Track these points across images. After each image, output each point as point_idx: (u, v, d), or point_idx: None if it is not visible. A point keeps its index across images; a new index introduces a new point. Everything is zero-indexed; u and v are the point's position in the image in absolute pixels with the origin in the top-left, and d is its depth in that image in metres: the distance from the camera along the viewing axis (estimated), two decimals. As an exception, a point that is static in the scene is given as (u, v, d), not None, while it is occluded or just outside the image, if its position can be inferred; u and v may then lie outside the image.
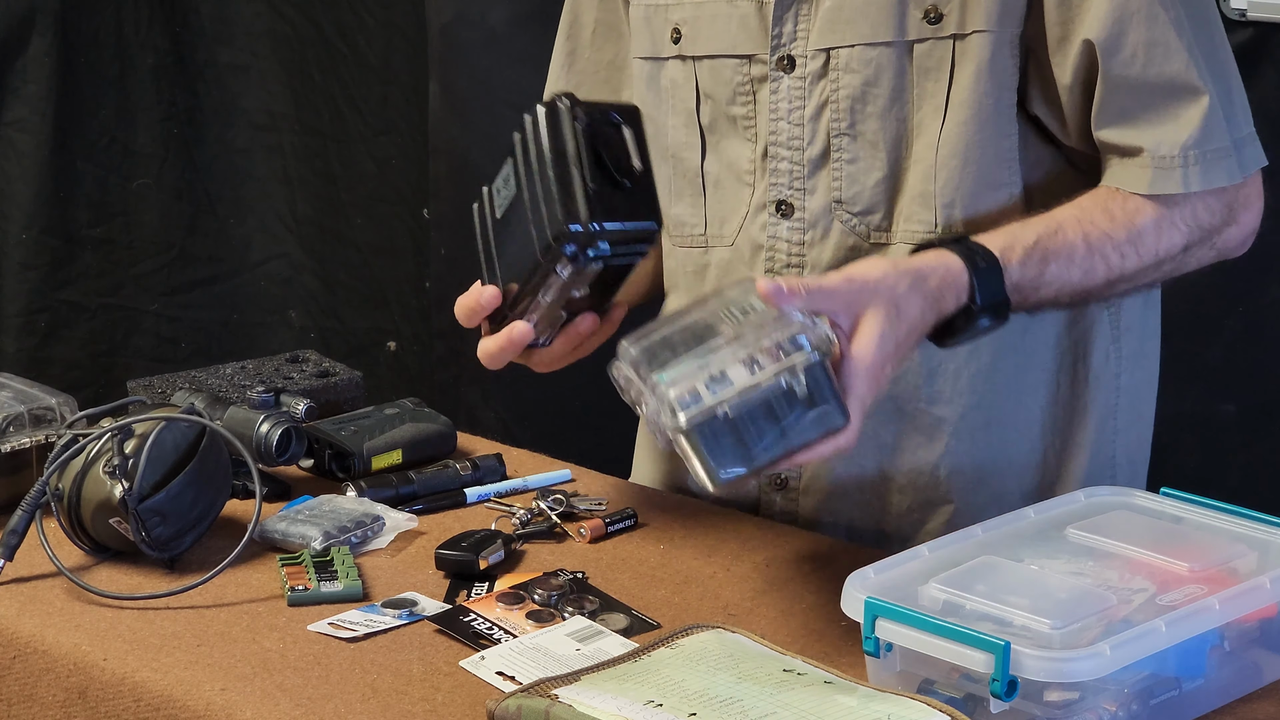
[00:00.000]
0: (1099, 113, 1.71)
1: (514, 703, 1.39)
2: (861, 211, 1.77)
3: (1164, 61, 1.69)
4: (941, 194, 1.74)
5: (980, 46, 1.71)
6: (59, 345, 3.50)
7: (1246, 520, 1.57)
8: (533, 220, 1.62)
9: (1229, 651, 1.47)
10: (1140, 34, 1.69)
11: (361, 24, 3.40)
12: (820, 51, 1.76)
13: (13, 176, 3.42)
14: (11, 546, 1.70)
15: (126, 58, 3.45)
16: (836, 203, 1.78)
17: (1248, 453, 2.73)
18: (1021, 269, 1.65)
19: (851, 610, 1.43)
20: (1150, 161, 1.70)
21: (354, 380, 2.12)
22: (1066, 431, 1.83)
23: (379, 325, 3.50)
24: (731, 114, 1.83)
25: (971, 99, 1.72)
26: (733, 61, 1.81)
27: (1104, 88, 1.70)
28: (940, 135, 1.74)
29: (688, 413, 1.45)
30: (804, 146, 1.78)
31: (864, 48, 1.74)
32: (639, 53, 1.90)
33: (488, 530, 1.78)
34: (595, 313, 1.70)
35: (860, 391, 1.50)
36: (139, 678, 1.53)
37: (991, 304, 1.63)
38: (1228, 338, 2.71)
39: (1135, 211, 1.71)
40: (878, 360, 1.52)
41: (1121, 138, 1.71)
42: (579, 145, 1.61)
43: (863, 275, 1.56)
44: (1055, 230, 1.69)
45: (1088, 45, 1.69)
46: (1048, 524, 1.57)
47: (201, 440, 1.73)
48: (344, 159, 3.48)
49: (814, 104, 1.77)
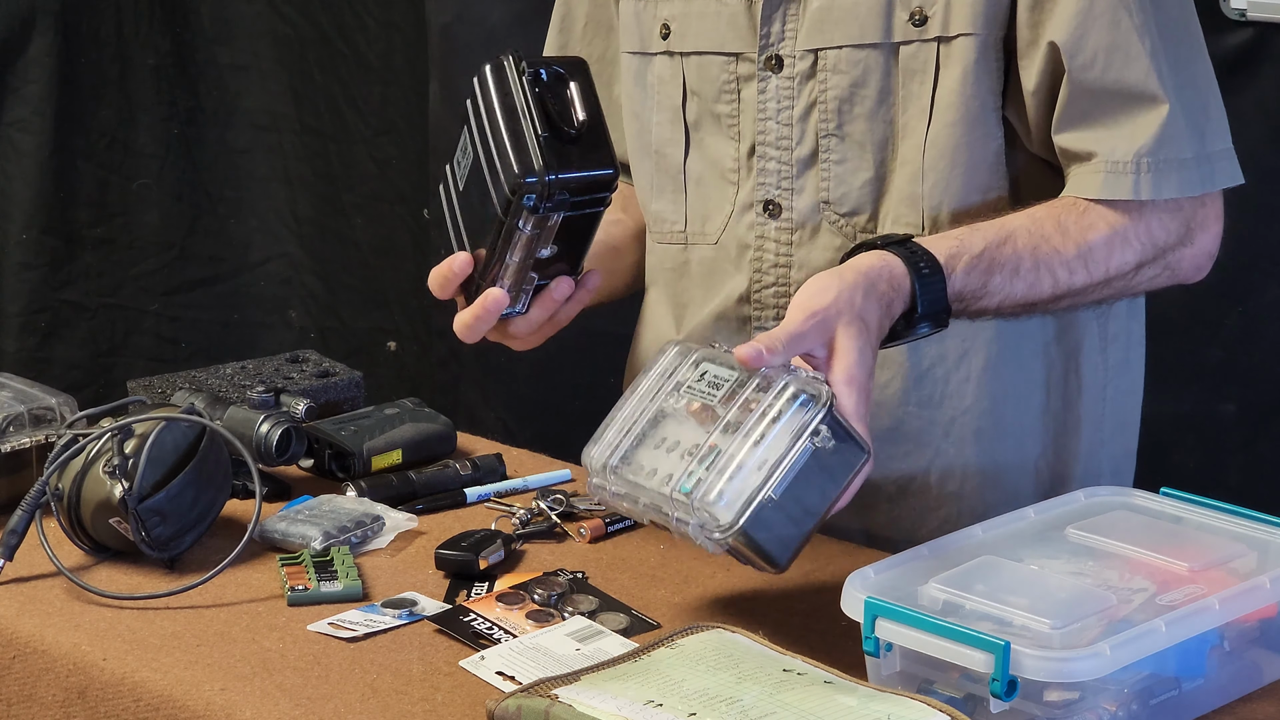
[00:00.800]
0: (1060, 117, 1.71)
1: (514, 703, 1.39)
2: (849, 212, 1.77)
3: (1123, 67, 1.68)
4: (929, 196, 1.74)
5: (965, 49, 1.71)
6: (59, 345, 3.50)
7: (1246, 520, 1.57)
8: (490, 181, 1.63)
9: (1229, 651, 1.47)
10: (1102, 38, 1.68)
11: (362, 24, 3.40)
12: (808, 52, 1.76)
13: (13, 176, 3.41)
14: (11, 546, 1.70)
15: (127, 58, 3.45)
16: (824, 203, 1.78)
17: (1248, 453, 2.73)
18: (965, 277, 1.65)
19: (851, 610, 1.43)
20: (1103, 166, 1.69)
21: (354, 380, 2.12)
22: (1060, 440, 1.83)
23: (379, 325, 3.50)
24: (716, 111, 1.83)
25: (958, 101, 1.72)
26: (719, 59, 1.81)
27: (1066, 91, 1.69)
28: (927, 138, 1.74)
29: (737, 515, 1.45)
30: (793, 146, 1.78)
31: (851, 49, 1.74)
32: (627, 47, 1.90)
33: (488, 530, 1.78)
34: (569, 276, 1.70)
35: (860, 411, 1.51)
36: (138, 677, 1.53)
37: (932, 311, 1.63)
38: (1228, 338, 2.71)
39: (1089, 227, 1.70)
40: (862, 375, 1.53)
41: (1078, 142, 1.70)
42: (526, 98, 1.62)
43: (820, 304, 1.55)
44: (1004, 240, 1.67)
45: (1052, 48, 1.69)
46: (1048, 524, 1.57)
47: (201, 440, 1.73)
48: (344, 159, 3.48)
49: (803, 104, 1.78)
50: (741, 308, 1.83)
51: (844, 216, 1.77)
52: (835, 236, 1.78)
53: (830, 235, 1.78)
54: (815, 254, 1.79)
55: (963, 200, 1.74)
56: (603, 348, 3.18)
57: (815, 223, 1.79)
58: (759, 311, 1.82)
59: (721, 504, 1.45)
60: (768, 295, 1.81)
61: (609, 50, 1.96)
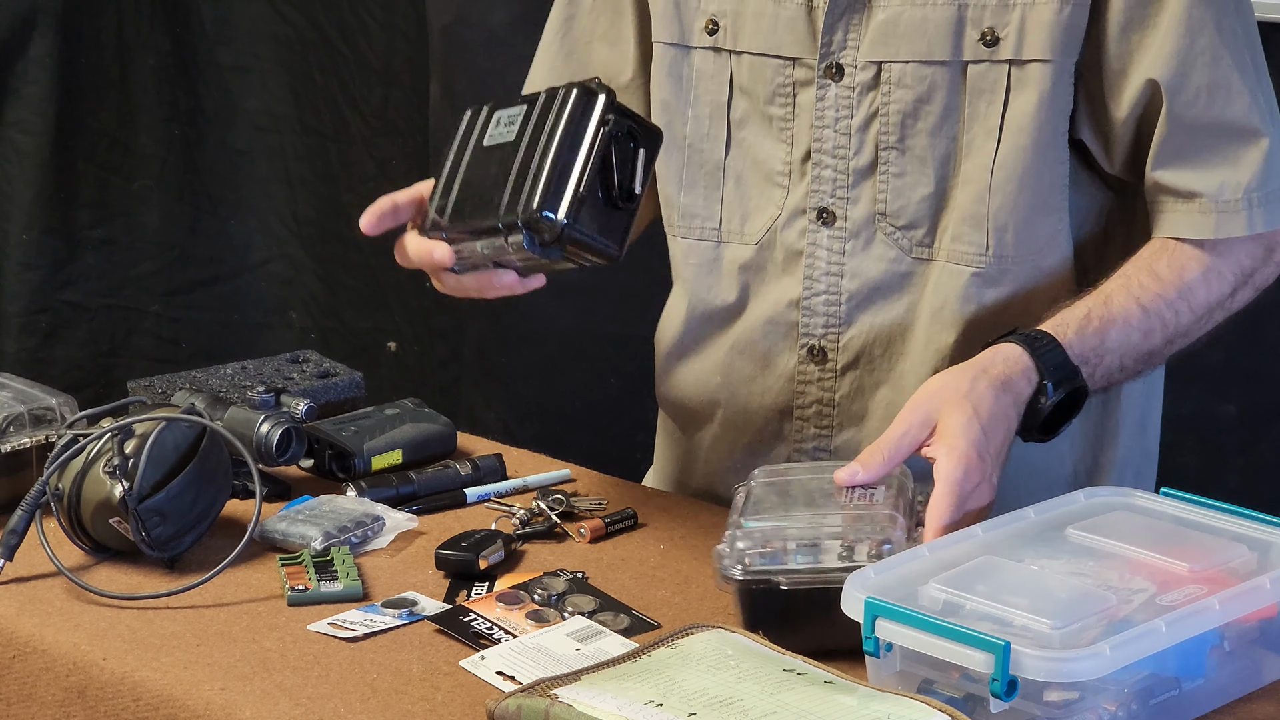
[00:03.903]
0: (1157, 153, 1.71)
1: (514, 702, 1.39)
2: (905, 226, 1.77)
3: (1225, 105, 1.69)
4: (995, 217, 1.74)
5: (1039, 74, 1.71)
6: (59, 345, 3.50)
7: (1246, 520, 1.57)
8: (513, 181, 1.61)
9: (1229, 651, 1.47)
10: (1204, 76, 1.69)
11: (362, 25, 3.40)
12: (871, 63, 1.75)
13: (14, 177, 3.42)
14: (11, 546, 1.70)
15: (128, 59, 3.45)
16: (880, 215, 1.77)
17: (1248, 453, 2.73)
18: (1080, 339, 1.67)
19: (851, 610, 1.42)
20: (1214, 206, 1.70)
21: (354, 380, 2.12)
22: (1097, 448, 1.84)
23: (379, 325, 3.50)
24: (768, 113, 1.82)
25: (1031, 126, 1.72)
26: (775, 62, 1.80)
27: (1164, 128, 1.70)
28: (996, 158, 1.73)
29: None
30: (850, 156, 1.78)
31: (918, 64, 1.74)
32: (663, 37, 1.87)
33: (488, 530, 1.78)
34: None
35: (956, 476, 1.54)
36: (138, 677, 1.53)
37: (1061, 378, 1.65)
38: (1228, 338, 2.70)
39: (1181, 268, 1.72)
40: (965, 446, 1.56)
41: (1178, 180, 1.71)
42: (594, 146, 1.60)
43: (924, 391, 1.60)
44: (1105, 300, 1.70)
45: (1151, 84, 1.69)
46: (1048, 524, 1.57)
47: (202, 440, 1.73)
48: (345, 160, 3.47)
49: (863, 114, 1.77)
50: (791, 313, 1.83)
51: (900, 229, 1.77)
52: (890, 248, 1.78)
53: (884, 247, 1.78)
54: (868, 264, 1.79)
55: (1029, 222, 1.74)
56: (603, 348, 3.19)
57: (870, 233, 1.78)
58: (808, 319, 1.81)
59: None
60: (818, 303, 1.81)
61: (613, 28, 1.93)
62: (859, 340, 1.81)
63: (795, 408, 1.85)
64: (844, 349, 1.81)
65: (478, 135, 1.68)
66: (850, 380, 1.82)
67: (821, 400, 1.83)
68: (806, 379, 1.83)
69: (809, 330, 1.82)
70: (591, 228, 1.60)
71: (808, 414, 1.84)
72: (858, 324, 1.80)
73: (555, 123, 1.60)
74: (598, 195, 1.60)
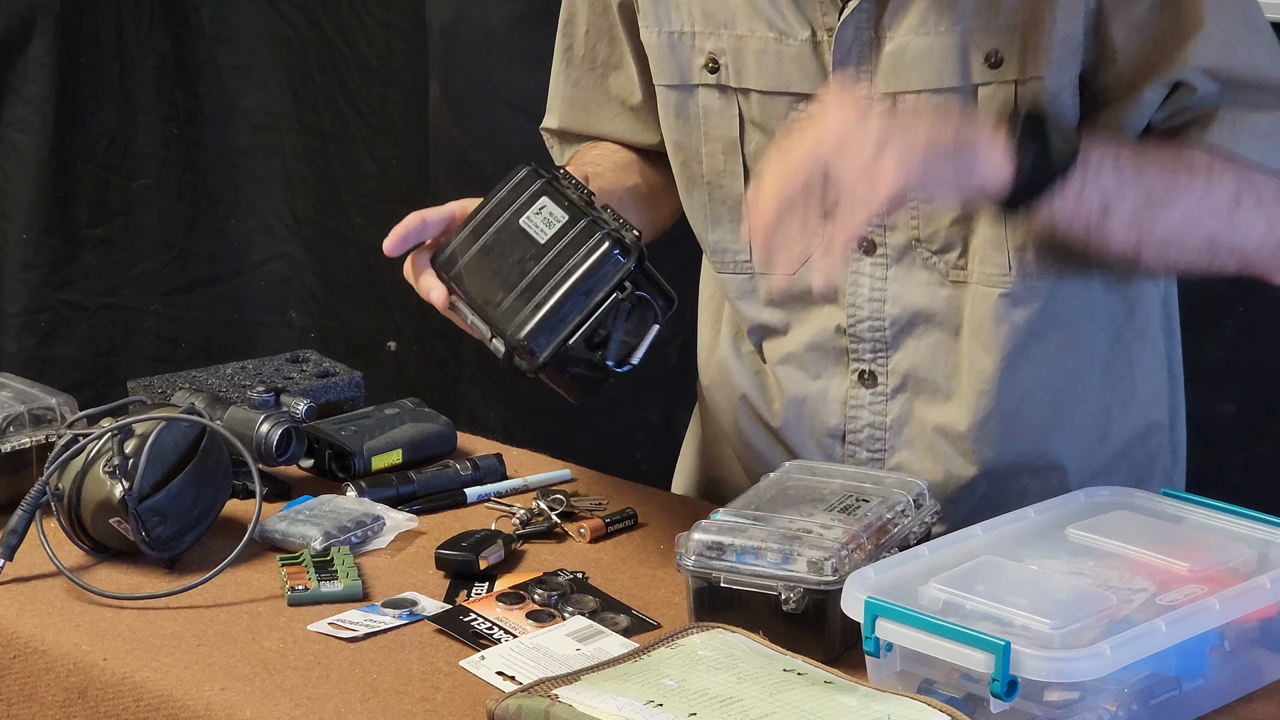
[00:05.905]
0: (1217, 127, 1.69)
1: (514, 703, 1.39)
2: (940, 250, 1.77)
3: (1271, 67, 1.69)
4: (1012, 238, 1.74)
5: (1043, 90, 1.70)
6: (59, 345, 3.50)
7: (1246, 520, 1.57)
8: (520, 292, 1.63)
9: (1229, 651, 1.47)
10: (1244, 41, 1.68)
11: (362, 24, 3.40)
12: (887, 95, 1.74)
13: (13, 176, 3.41)
14: (11, 546, 1.70)
15: (127, 58, 3.45)
16: (916, 240, 1.77)
17: (1248, 453, 2.73)
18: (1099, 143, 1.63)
19: (851, 610, 1.43)
20: None
21: (354, 380, 2.12)
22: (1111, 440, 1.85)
23: (379, 325, 3.49)
24: None
25: None
26: (787, 98, 1.79)
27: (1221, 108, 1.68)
28: None
29: None
30: None
31: (930, 94, 1.73)
32: (663, 80, 1.85)
33: (488, 530, 1.78)
34: None
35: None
36: (139, 677, 1.53)
37: (1043, 123, 1.60)
38: (1228, 338, 2.71)
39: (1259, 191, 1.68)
40: None
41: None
42: (602, 303, 1.61)
43: None
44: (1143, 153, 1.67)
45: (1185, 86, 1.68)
46: (1048, 524, 1.57)
47: (201, 440, 1.73)
48: (344, 159, 3.47)
49: None
50: (839, 339, 1.82)
51: (936, 254, 1.77)
52: (929, 272, 1.78)
53: (924, 271, 1.78)
54: (910, 289, 1.78)
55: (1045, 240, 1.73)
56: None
57: (910, 259, 1.78)
58: (856, 345, 1.81)
59: None
60: (863, 329, 1.80)
61: (612, 56, 1.93)
62: (905, 363, 1.80)
63: (848, 432, 1.84)
64: (892, 373, 1.81)
65: (518, 208, 1.67)
66: (900, 403, 1.81)
67: (874, 424, 1.83)
68: (858, 403, 1.83)
69: (858, 356, 1.81)
70: (564, 376, 1.63)
71: (860, 437, 1.84)
72: (904, 349, 1.80)
73: (579, 262, 1.62)
74: (588, 349, 1.62)
